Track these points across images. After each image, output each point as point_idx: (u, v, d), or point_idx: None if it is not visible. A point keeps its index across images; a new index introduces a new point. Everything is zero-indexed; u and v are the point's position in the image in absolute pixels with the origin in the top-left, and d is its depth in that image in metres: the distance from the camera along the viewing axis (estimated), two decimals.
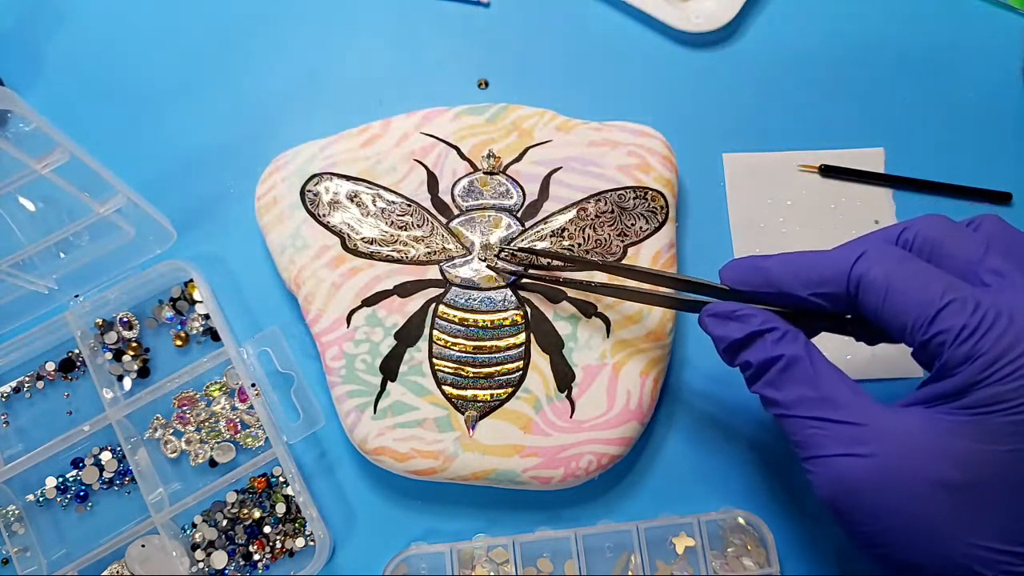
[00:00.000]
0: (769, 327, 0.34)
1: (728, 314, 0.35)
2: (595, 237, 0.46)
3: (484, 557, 0.42)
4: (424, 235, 0.46)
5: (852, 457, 0.31)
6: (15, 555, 0.43)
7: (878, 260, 0.32)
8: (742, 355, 0.35)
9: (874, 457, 0.30)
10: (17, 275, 0.44)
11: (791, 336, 0.34)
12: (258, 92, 0.52)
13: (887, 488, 0.30)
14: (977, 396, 0.29)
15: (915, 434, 0.30)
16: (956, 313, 0.30)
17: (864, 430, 0.31)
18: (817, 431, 0.32)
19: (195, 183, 0.50)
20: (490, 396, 0.43)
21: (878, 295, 0.32)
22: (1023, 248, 0.33)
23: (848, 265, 0.33)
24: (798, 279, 0.34)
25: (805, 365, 0.33)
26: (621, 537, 0.42)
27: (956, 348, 0.30)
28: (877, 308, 0.32)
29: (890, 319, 0.32)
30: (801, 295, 0.34)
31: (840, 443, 0.31)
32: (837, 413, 0.32)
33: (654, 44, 0.53)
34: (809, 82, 0.52)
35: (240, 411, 0.46)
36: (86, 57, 0.53)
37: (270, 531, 0.44)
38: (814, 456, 0.32)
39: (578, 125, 0.49)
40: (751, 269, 0.36)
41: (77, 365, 0.47)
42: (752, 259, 0.36)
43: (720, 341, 0.36)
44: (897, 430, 0.31)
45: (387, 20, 0.54)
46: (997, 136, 0.51)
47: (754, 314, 0.35)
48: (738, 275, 0.36)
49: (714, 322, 0.36)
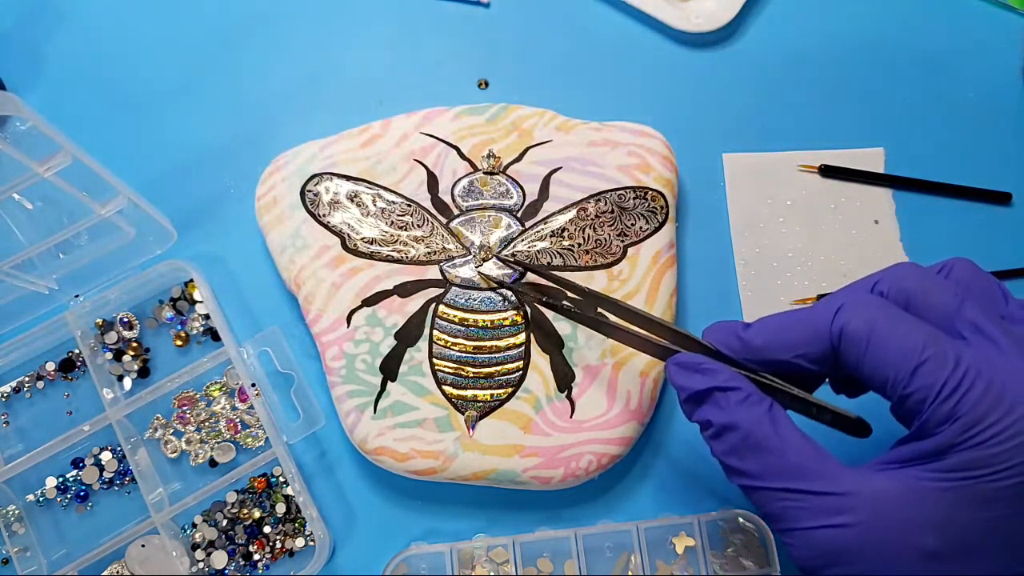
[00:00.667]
0: (732, 386, 0.33)
1: (693, 366, 0.35)
2: (595, 237, 0.46)
3: (484, 557, 0.42)
4: (424, 235, 0.46)
5: (832, 528, 0.30)
6: (15, 555, 0.43)
7: (857, 311, 0.32)
8: (702, 409, 0.34)
9: (856, 527, 0.30)
10: (17, 275, 0.44)
11: (755, 399, 0.33)
12: (258, 92, 0.52)
13: (869, 558, 0.30)
14: (958, 459, 0.29)
15: (895, 500, 0.30)
16: (936, 369, 0.29)
17: (841, 500, 0.30)
18: (790, 503, 0.31)
19: (195, 183, 0.50)
20: (490, 396, 0.43)
21: (859, 347, 0.31)
22: (995, 295, 0.33)
23: (828, 320, 0.32)
24: (780, 344, 0.33)
25: (768, 431, 0.32)
26: (621, 537, 0.42)
27: (937, 407, 0.29)
28: (858, 360, 0.31)
29: (871, 372, 0.31)
30: (784, 359, 0.33)
31: (817, 515, 0.30)
32: (809, 483, 0.31)
33: (654, 44, 0.53)
34: (809, 82, 0.52)
35: (240, 411, 0.46)
36: (86, 57, 0.53)
37: (270, 531, 0.44)
38: (790, 529, 0.31)
39: (578, 125, 0.49)
40: (732, 337, 0.35)
41: (77, 365, 0.47)
42: (732, 326, 0.35)
43: (682, 391, 0.35)
44: (876, 496, 0.30)
45: (387, 20, 0.54)
46: (997, 136, 0.51)
47: (719, 370, 0.34)
48: (720, 341, 0.35)
49: (677, 371, 0.35)
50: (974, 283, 0.33)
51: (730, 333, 0.35)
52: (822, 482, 0.31)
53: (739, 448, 0.33)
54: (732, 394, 0.33)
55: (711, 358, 0.35)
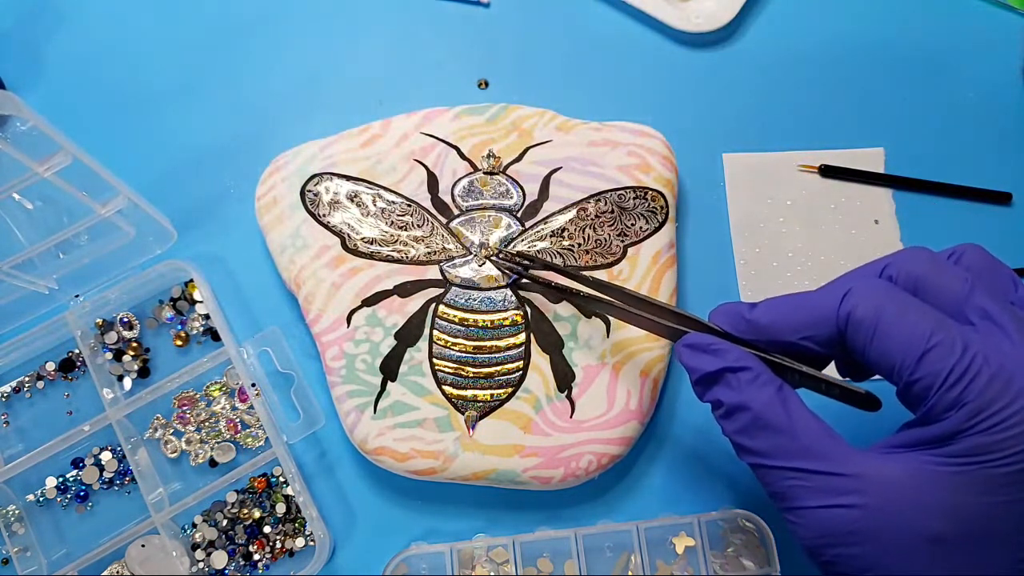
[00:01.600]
0: (743, 366, 0.33)
1: (703, 346, 0.35)
2: (595, 237, 0.46)
3: (484, 557, 0.42)
4: (424, 235, 0.46)
5: (838, 508, 0.30)
6: (15, 555, 0.43)
7: (865, 296, 0.32)
8: (713, 390, 0.34)
9: (861, 508, 0.30)
10: (17, 275, 0.44)
11: (765, 379, 0.33)
12: (258, 92, 0.52)
13: (874, 540, 0.30)
14: (963, 445, 0.29)
15: (902, 484, 0.30)
16: (943, 356, 0.29)
17: (848, 480, 0.30)
18: (796, 482, 0.31)
19: (195, 183, 0.50)
20: (490, 396, 0.43)
21: (866, 332, 0.31)
22: (1005, 282, 0.33)
23: (835, 304, 0.32)
24: (786, 325, 0.33)
25: (779, 411, 0.32)
26: (621, 537, 0.42)
27: (943, 393, 0.29)
28: (865, 346, 0.31)
29: (877, 358, 0.31)
30: (790, 340, 0.33)
31: (824, 494, 0.31)
32: (818, 463, 0.31)
33: (654, 44, 0.53)
34: (809, 82, 0.52)
35: (240, 411, 0.46)
36: (86, 57, 0.53)
37: (270, 531, 0.44)
38: (796, 507, 0.31)
39: (578, 125, 0.49)
40: (738, 319, 0.35)
41: (77, 365, 0.47)
42: (738, 307, 0.35)
43: (692, 372, 0.35)
44: (884, 479, 0.30)
45: (387, 20, 0.54)
46: (997, 136, 0.51)
47: (729, 350, 0.34)
48: (727, 322, 0.36)
49: (688, 353, 0.35)
50: (984, 269, 0.33)
51: (736, 314, 0.35)
52: (830, 463, 0.31)
53: (749, 428, 0.33)
54: (743, 374, 0.33)
55: (720, 339, 0.35)
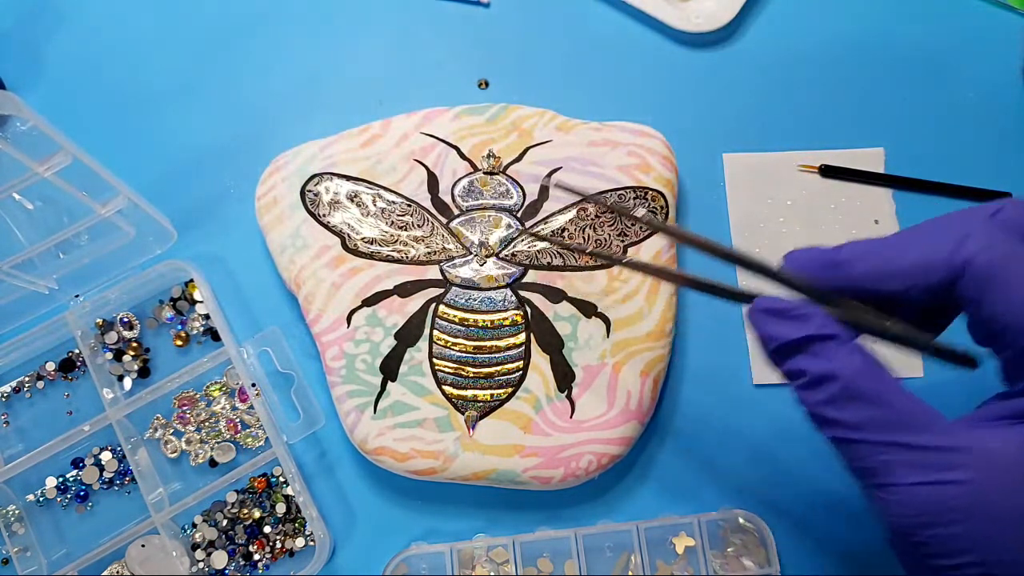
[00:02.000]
0: (830, 333, 0.30)
1: (784, 311, 0.31)
2: (595, 237, 0.46)
3: (484, 557, 0.42)
4: (424, 235, 0.46)
5: (939, 485, 0.28)
6: (15, 555, 0.43)
7: (987, 245, 0.28)
8: (795, 360, 0.31)
9: (966, 484, 0.27)
10: (17, 275, 0.44)
11: (855, 346, 0.30)
12: (258, 92, 0.52)
13: (977, 518, 0.27)
14: None
15: (1013, 458, 0.27)
16: None
17: (952, 455, 0.28)
18: (892, 456, 0.28)
19: (195, 183, 0.50)
20: (490, 396, 0.43)
21: (985, 284, 0.28)
22: None
23: (949, 249, 0.29)
24: (888, 273, 0.30)
25: (872, 381, 0.29)
26: (621, 537, 0.42)
27: None
28: (980, 298, 0.28)
29: (991, 314, 0.28)
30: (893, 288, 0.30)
31: (924, 470, 0.28)
32: (917, 436, 0.28)
33: (654, 44, 0.53)
34: (809, 82, 0.52)
35: (240, 411, 0.46)
36: (86, 57, 0.53)
37: (270, 531, 0.44)
38: (889, 484, 0.29)
39: (578, 125, 0.49)
40: (824, 265, 0.32)
41: (77, 365, 0.47)
42: (821, 252, 0.32)
43: (770, 341, 0.31)
44: (991, 454, 0.27)
45: (387, 20, 0.54)
46: (997, 136, 0.51)
47: (813, 314, 0.30)
48: (807, 271, 0.32)
49: (765, 319, 0.31)
50: None
51: (821, 260, 0.32)
52: (930, 436, 0.28)
53: (838, 398, 0.29)
54: (831, 342, 0.30)
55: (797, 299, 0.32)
